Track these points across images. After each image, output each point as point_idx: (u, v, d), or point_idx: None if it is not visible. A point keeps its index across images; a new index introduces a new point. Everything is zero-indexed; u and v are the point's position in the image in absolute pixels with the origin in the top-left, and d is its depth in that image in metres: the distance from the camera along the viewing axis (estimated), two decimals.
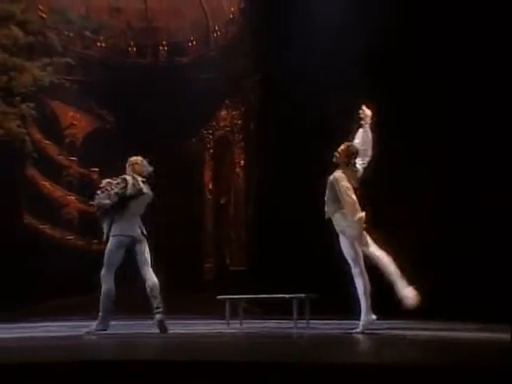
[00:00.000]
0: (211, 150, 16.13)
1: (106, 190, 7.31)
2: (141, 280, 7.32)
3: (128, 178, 7.40)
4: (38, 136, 14.64)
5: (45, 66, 13.34)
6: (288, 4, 12.79)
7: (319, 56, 11.99)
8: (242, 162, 15.20)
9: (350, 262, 6.88)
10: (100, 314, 7.27)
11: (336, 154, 7.18)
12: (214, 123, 16.13)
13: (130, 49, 16.35)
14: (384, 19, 10.89)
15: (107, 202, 7.24)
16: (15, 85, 12.95)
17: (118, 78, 15.82)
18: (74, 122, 16.27)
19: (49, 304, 13.82)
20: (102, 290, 7.26)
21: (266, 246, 13.24)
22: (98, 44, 15.95)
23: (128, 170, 7.52)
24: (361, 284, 6.80)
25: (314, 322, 8.31)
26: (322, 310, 8.63)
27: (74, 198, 15.80)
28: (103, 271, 7.32)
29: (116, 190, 7.29)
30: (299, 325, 7.99)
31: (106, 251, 7.37)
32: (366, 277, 6.84)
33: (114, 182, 7.37)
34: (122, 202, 7.30)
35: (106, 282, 7.28)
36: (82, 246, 15.77)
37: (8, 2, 13.04)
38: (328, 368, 3.83)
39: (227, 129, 15.88)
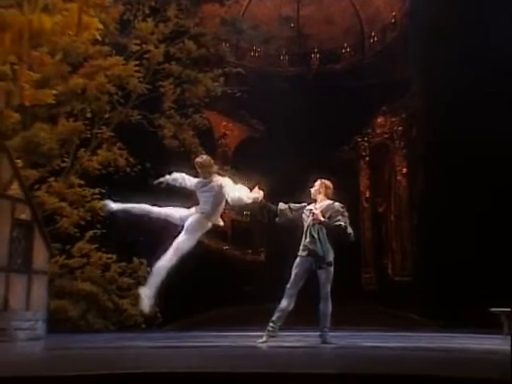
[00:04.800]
0: (367, 158, 15.76)
1: None
2: None
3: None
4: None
5: (217, 77, 13.37)
6: (458, 9, 12.26)
7: (491, 66, 11.44)
8: (405, 169, 14.76)
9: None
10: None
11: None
12: (370, 130, 15.78)
13: (281, 57, 16.26)
14: None
15: None
16: (188, 96, 13.04)
17: (269, 86, 15.70)
18: (227, 132, 16.33)
19: (210, 314, 13.80)
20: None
21: (433, 256, 12.78)
22: (251, 54, 15.94)
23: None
24: None
25: None
26: None
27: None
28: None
29: None
30: None
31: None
32: None
33: None
34: None
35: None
36: (238, 256, 15.81)
37: (184, 17, 13.19)
38: None
39: (385, 135, 15.49)
